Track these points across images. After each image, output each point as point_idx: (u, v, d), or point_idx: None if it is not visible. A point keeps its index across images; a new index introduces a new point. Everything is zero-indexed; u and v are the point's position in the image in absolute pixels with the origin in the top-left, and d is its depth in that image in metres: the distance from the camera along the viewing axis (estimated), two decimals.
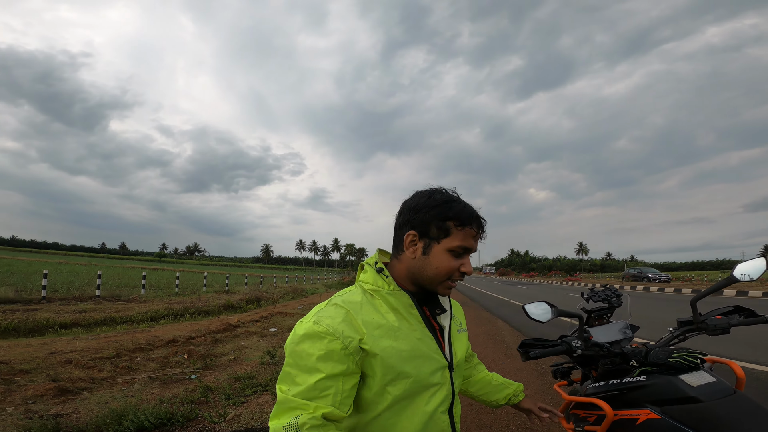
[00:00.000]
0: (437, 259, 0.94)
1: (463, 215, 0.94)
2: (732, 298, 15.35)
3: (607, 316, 1.63)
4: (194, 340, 6.54)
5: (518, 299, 16.69)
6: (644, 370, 1.23)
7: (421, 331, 0.95)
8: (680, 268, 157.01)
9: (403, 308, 0.95)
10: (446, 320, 1.04)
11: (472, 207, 0.98)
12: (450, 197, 0.97)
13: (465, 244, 0.94)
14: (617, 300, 1.65)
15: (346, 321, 0.87)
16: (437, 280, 0.95)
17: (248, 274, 27.80)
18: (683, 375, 1.15)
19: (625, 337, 1.48)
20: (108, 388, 4.07)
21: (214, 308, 10.98)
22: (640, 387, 1.20)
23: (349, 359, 0.84)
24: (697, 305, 1.36)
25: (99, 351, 5.44)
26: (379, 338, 0.88)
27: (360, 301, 0.93)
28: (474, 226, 0.96)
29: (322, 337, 0.83)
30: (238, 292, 16.05)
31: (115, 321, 8.30)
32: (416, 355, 0.91)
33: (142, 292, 13.11)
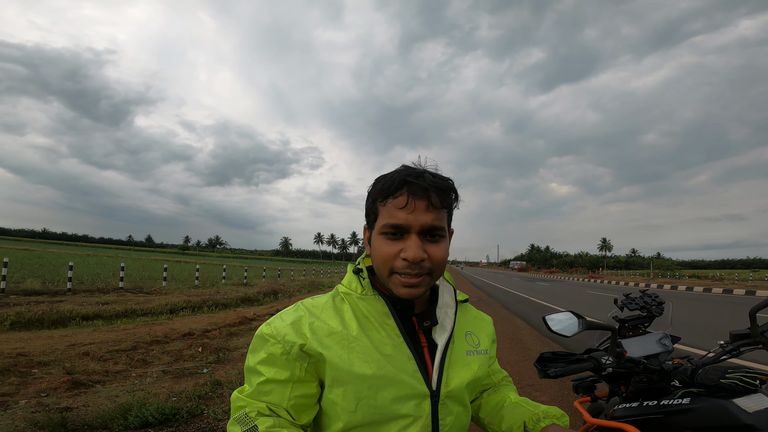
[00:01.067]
0: (374, 247, 0.78)
1: (383, 186, 0.76)
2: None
3: (643, 326, 1.42)
4: (210, 333, 6.61)
5: (538, 296, 16.35)
6: (689, 391, 1.05)
7: (395, 347, 0.76)
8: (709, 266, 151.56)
9: (377, 316, 0.78)
10: (442, 337, 0.81)
11: (409, 170, 0.78)
12: (381, 176, 0.80)
13: (390, 221, 0.74)
14: (657, 308, 1.42)
15: (294, 324, 0.76)
16: (381, 273, 0.77)
17: (266, 267, 28.23)
18: (737, 398, 0.97)
19: (663, 350, 1.29)
20: (121, 381, 4.12)
21: (232, 301, 11.12)
22: (683, 411, 1.03)
23: (294, 365, 0.74)
24: (756, 316, 1.19)
25: (117, 343, 5.54)
26: (329, 347, 0.74)
27: (323, 304, 0.81)
28: (400, 194, 0.74)
29: (266, 339, 0.76)
30: (256, 285, 16.26)
31: (136, 313, 8.49)
32: (377, 375, 0.73)
33: (164, 284, 13.43)
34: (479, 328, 0.93)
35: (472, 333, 0.90)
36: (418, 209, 0.73)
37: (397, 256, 0.74)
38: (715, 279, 34.83)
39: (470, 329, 0.90)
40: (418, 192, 0.74)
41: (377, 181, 0.80)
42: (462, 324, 0.89)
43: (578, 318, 1.12)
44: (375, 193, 0.79)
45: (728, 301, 14.75)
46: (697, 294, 18.79)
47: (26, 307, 7.71)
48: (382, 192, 0.76)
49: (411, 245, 0.73)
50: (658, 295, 1.45)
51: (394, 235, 0.75)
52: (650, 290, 1.50)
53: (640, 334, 1.37)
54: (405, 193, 0.74)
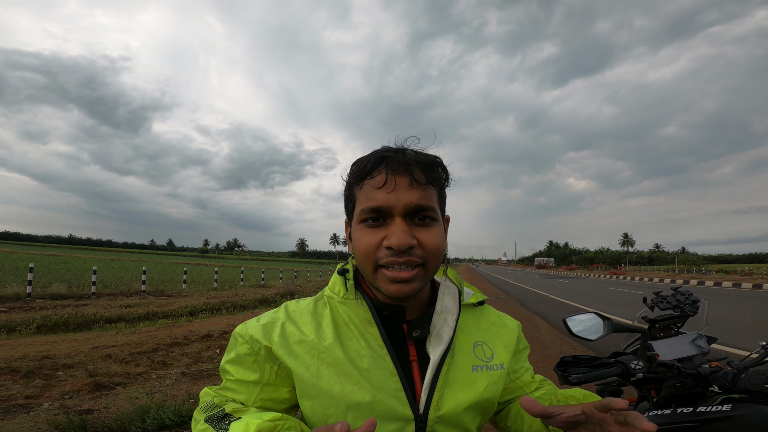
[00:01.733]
0: (354, 241, 0.68)
1: (357, 167, 0.66)
2: None
3: (676, 327, 1.30)
4: (228, 334, 6.66)
5: (557, 294, 16.03)
6: (730, 397, 0.97)
7: (374, 360, 0.65)
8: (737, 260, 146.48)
9: (358, 323, 0.69)
10: (436, 350, 0.67)
11: (384, 149, 0.67)
12: (357, 159, 0.69)
13: (368, 203, 0.63)
14: (691, 307, 1.30)
15: (267, 326, 0.70)
16: (365, 271, 0.66)
17: (283, 268, 28.49)
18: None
19: (698, 351, 1.18)
20: (141, 383, 4.18)
21: (250, 302, 11.24)
22: (723, 419, 0.94)
23: (263, 367, 0.68)
24: None
25: (138, 346, 5.64)
26: (296, 355, 0.66)
27: (304, 307, 0.74)
28: (377, 172, 0.63)
29: (236, 338, 0.71)
30: (273, 286, 16.41)
31: (157, 316, 8.65)
32: (347, 392, 0.63)
33: (184, 287, 13.68)
34: (496, 336, 0.76)
35: (484, 344, 0.74)
36: (400, 187, 0.62)
37: (380, 245, 0.62)
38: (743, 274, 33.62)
39: (482, 339, 0.75)
40: (398, 167, 0.63)
41: (353, 165, 0.70)
42: (470, 333, 0.74)
43: (603, 319, 1.02)
44: (350, 178, 0.69)
45: (759, 297, 14.18)
46: (725, 290, 18.14)
47: (52, 311, 7.94)
48: (357, 174, 0.66)
49: (395, 230, 0.61)
50: (692, 293, 1.33)
51: (375, 222, 0.63)
52: (683, 287, 1.38)
53: (673, 335, 1.26)
54: (383, 171, 0.63)
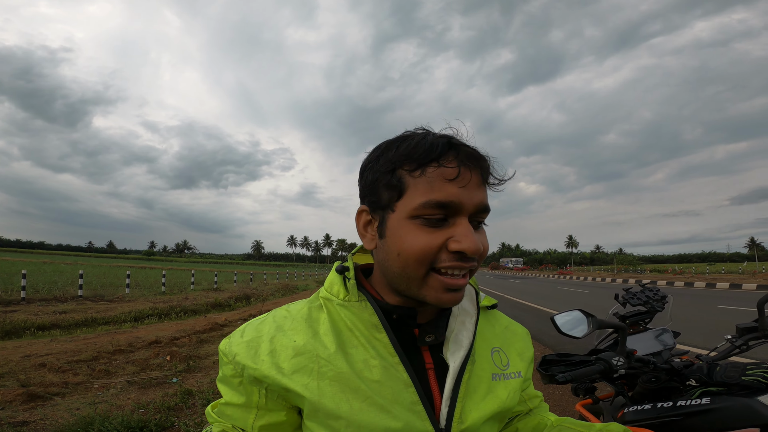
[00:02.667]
0: (397, 238, 0.54)
1: (418, 148, 0.53)
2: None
3: (644, 322, 1.35)
4: (178, 340, 6.30)
5: (512, 294, 16.64)
6: (708, 390, 0.99)
7: (385, 370, 0.55)
8: (668, 260, 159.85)
9: (363, 329, 0.58)
10: (456, 356, 0.59)
11: (443, 135, 0.55)
12: (402, 135, 0.57)
13: (437, 196, 0.51)
14: (659, 303, 1.36)
15: (252, 343, 0.58)
16: (410, 275, 0.53)
17: (238, 271, 27.48)
18: (762, 396, 0.91)
19: (666, 346, 1.22)
20: (82, 393, 3.84)
21: (202, 307, 10.70)
22: (704, 412, 0.95)
23: (250, 391, 0.58)
24: (765, 308, 1.12)
25: (76, 354, 5.19)
26: (290, 374, 0.55)
27: (296, 313, 0.62)
28: (448, 160, 0.52)
29: (221, 358, 0.61)
30: (226, 289, 15.75)
31: (97, 322, 8.01)
32: (358, 410, 0.53)
33: (127, 292, 12.78)
34: (510, 343, 0.69)
35: (500, 350, 0.67)
36: (473, 183, 0.52)
37: (442, 248, 0.52)
38: (675, 273, 36.75)
39: (499, 345, 0.67)
40: (470, 160, 0.53)
41: (394, 143, 0.56)
42: (487, 338, 0.66)
43: (587, 317, 1.02)
44: (398, 157, 0.54)
45: (692, 294, 15.52)
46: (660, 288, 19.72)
47: None
48: (415, 156, 0.52)
49: (465, 232, 0.51)
50: (659, 289, 1.40)
51: (437, 221, 0.52)
52: (651, 284, 1.45)
53: (641, 330, 1.31)
54: (454, 160, 0.52)
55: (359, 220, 0.61)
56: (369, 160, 0.59)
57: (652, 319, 1.36)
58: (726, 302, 11.31)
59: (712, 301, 12.02)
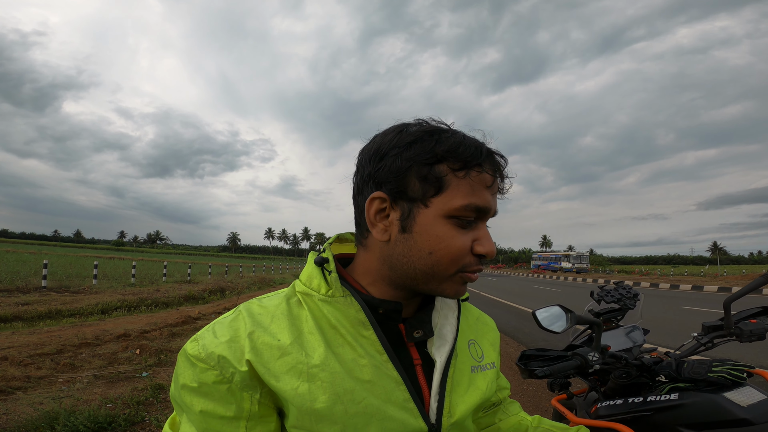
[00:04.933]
0: (430, 236, 0.52)
1: (466, 149, 0.52)
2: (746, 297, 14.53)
3: (616, 319, 1.40)
4: (148, 334, 6.13)
5: (487, 291, 16.94)
6: (676, 386, 1.02)
7: (376, 368, 0.54)
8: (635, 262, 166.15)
9: (348, 326, 0.55)
10: (441, 351, 0.59)
11: (476, 139, 0.55)
12: (437, 127, 0.56)
13: (477, 201, 0.52)
14: (631, 300, 1.41)
15: (233, 342, 0.52)
16: (439, 273, 0.53)
17: (212, 263, 26.92)
18: (728, 392, 0.94)
19: (637, 343, 1.27)
20: (45, 387, 3.69)
21: (174, 299, 10.43)
22: (672, 407, 0.98)
23: (240, 397, 0.50)
24: (731, 308, 1.16)
25: (39, 347, 4.98)
26: (279, 376, 0.50)
27: (274, 308, 0.56)
28: (488, 167, 0.53)
29: (192, 362, 0.51)
30: (200, 282, 15.40)
31: (62, 314, 7.70)
32: (352, 413, 0.51)
33: (94, 283, 12.32)
34: (482, 334, 0.71)
35: (475, 342, 0.68)
36: (496, 192, 0.56)
37: (469, 250, 0.53)
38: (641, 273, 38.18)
39: (473, 337, 0.68)
40: (499, 169, 0.56)
41: (434, 137, 0.53)
42: (464, 331, 0.67)
43: (566, 312, 1.05)
44: (443, 152, 0.52)
45: (657, 294, 16.18)
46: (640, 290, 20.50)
47: None
48: (464, 155, 0.51)
49: (488, 237, 0.55)
50: (631, 287, 1.45)
51: (469, 223, 0.53)
52: (624, 283, 1.50)
53: (613, 327, 1.35)
54: (490, 168, 0.54)
55: (370, 207, 0.55)
56: (394, 144, 0.54)
57: (624, 317, 1.41)
58: (688, 303, 11.85)
59: (675, 301, 12.58)
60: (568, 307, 1.05)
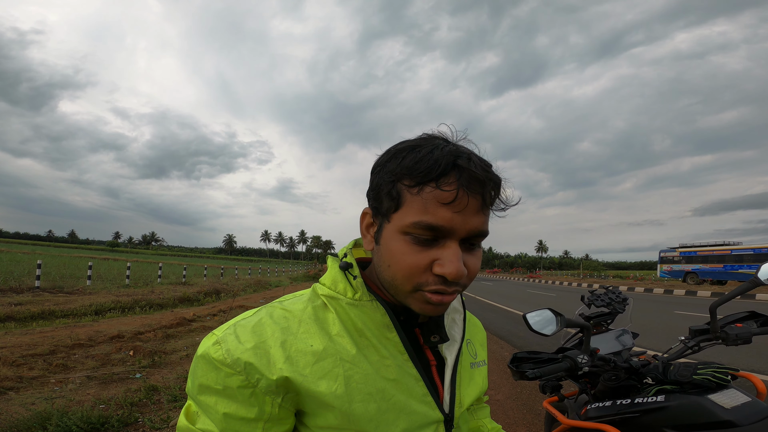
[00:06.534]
0: (388, 249, 0.54)
1: (420, 166, 0.50)
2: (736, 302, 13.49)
3: (606, 323, 1.41)
4: (142, 335, 6.10)
5: (483, 295, 16.98)
6: (663, 389, 1.04)
7: (399, 368, 0.57)
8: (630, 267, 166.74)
9: (374, 329, 0.58)
10: (451, 350, 0.65)
11: (452, 152, 0.51)
12: (412, 143, 0.55)
13: (429, 219, 0.50)
14: (621, 305, 1.42)
15: (259, 349, 0.52)
16: (398, 287, 0.55)
17: (208, 265, 26.81)
18: (712, 395, 0.96)
19: (626, 346, 1.29)
20: (38, 387, 3.67)
21: (169, 301, 10.39)
22: (659, 409, 1.00)
23: (262, 401, 0.52)
24: (716, 312, 1.17)
25: (32, 347, 4.95)
26: (316, 381, 0.52)
27: (300, 313, 0.58)
28: (447, 184, 0.50)
29: (217, 367, 0.52)
30: (196, 284, 15.33)
31: (55, 314, 7.65)
32: (383, 409, 0.54)
33: (88, 283, 12.24)
34: (473, 334, 0.77)
35: (470, 341, 0.73)
36: (470, 209, 0.51)
37: (428, 269, 0.52)
38: (636, 279, 38.34)
39: (468, 337, 0.73)
40: (473, 184, 0.51)
41: (403, 151, 0.54)
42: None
43: (556, 315, 1.07)
44: (400, 169, 0.52)
45: (651, 299, 16.26)
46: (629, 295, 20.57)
47: None
48: (416, 172, 0.51)
49: (451, 257, 0.50)
50: (621, 292, 1.47)
51: (426, 240, 0.51)
52: (613, 287, 1.51)
53: (603, 331, 1.38)
54: (454, 182, 0.50)
55: (363, 221, 0.60)
56: (378, 163, 0.57)
57: (613, 320, 1.43)
58: (682, 308, 11.92)
59: (669, 306, 12.64)
60: (558, 311, 1.07)
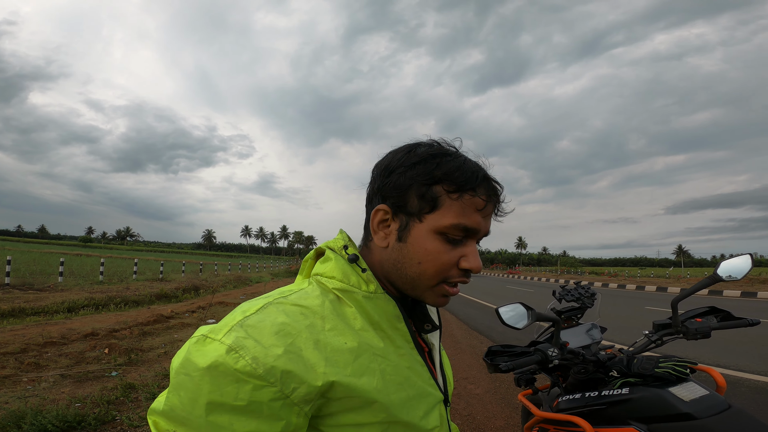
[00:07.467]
0: (420, 248, 0.58)
1: (462, 174, 0.58)
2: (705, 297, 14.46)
3: (576, 318, 1.45)
4: (118, 333, 5.97)
5: (463, 290, 17.18)
6: (627, 381, 1.08)
7: (410, 356, 0.61)
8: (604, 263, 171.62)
9: (386, 321, 0.60)
10: (435, 337, 0.72)
11: (477, 164, 0.62)
12: (442, 150, 0.61)
13: (466, 222, 0.58)
14: (590, 299, 1.47)
15: (293, 352, 0.49)
16: (423, 282, 0.59)
17: (186, 261, 26.25)
18: (673, 387, 0.99)
19: (594, 340, 1.33)
20: (10, 387, 3.57)
21: (145, 298, 10.15)
22: (623, 401, 1.03)
23: (290, 412, 0.48)
24: (677, 307, 1.21)
25: (3, 346, 4.79)
26: (357, 376, 0.52)
27: (320, 309, 0.55)
28: (481, 192, 0.59)
29: (241, 380, 0.45)
30: (173, 280, 15.02)
31: (26, 312, 7.39)
32: (410, 395, 0.57)
33: (60, 280, 11.84)
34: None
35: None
36: (489, 214, 0.62)
37: (455, 264, 0.59)
38: (610, 275, 39.49)
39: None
40: (494, 194, 0.61)
41: (436, 157, 0.60)
42: None
43: (527, 309, 1.10)
44: (442, 174, 0.58)
45: (623, 295, 16.82)
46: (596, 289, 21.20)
47: None
48: (459, 180, 0.58)
49: (475, 253, 0.60)
50: (590, 287, 1.51)
51: (456, 240, 0.59)
52: (583, 282, 1.55)
53: (573, 325, 1.42)
54: (485, 193, 0.60)
55: (375, 217, 0.62)
56: (401, 163, 0.60)
57: (583, 315, 1.48)
58: (653, 303, 12.39)
59: (641, 302, 13.12)
60: (529, 305, 1.10)
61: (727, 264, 1.14)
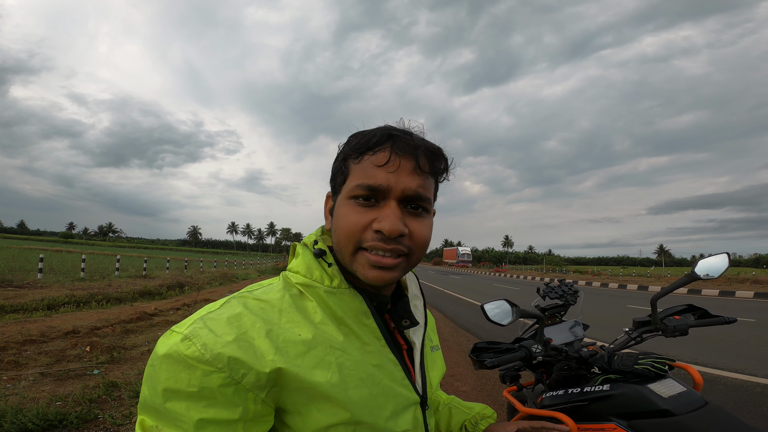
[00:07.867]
0: (336, 218, 0.60)
1: (362, 138, 0.59)
2: (684, 296, 14.58)
3: (560, 315, 1.48)
4: (99, 330, 5.86)
5: (451, 288, 17.33)
6: (608, 377, 1.09)
7: (380, 353, 0.60)
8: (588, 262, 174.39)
9: (352, 316, 0.59)
10: (418, 335, 0.69)
11: (391, 127, 0.61)
12: (365, 130, 0.62)
13: (365, 180, 0.57)
14: (573, 297, 1.48)
15: (243, 340, 0.50)
16: (343, 251, 0.58)
17: (171, 257, 25.85)
18: (651, 384, 1.01)
19: (577, 337, 1.35)
20: None
21: (128, 295, 9.98)
22: (604, 398, 1.05)
23: (245, 398, 0.49)
24: (656, 304, 1.22)
25: None
26: (309, 367, 0.52)
27: (278, 301, 0.57)
28: (381, 148, 0.58)
29: (191, 366, 0.47)
30: (157, 277, 14.78)
31: (4, 309, 7.19)
32: (374, 394, 0.56)
33: (39, 277, 11.55)
34: (430, 321, 0.81)
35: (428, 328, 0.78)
36: (403, 170, 0.57)
37: (368, 227, 0.56)
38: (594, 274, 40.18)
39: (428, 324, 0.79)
40: (405, 149, 0.58)
41: (353, 136, 0.62)
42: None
43: (512, 306, 1.11)
44: (348, 149, 0.61)
45: (606, 293, 17.14)
46: (580, 287, 21.56)
47: None
48: (357, 147, 0.59)
49: (388, 213, 0.56)
50: (573, 284, 1.53)
51: (367, 200, 0.57)
52: (567, 280, 1.57)
53: (557, 322, 1.44)
54: (388, 148, 0.57)
55: (326, 205, 0.67)
56: (339, 150, 0.65)
57: (567, 312, 1.50)
58: (634, 302, 12.67)
59: (622, 300, 13.40)
60: (514, 302, 1.12)
61: (705, 263, 1.15)
